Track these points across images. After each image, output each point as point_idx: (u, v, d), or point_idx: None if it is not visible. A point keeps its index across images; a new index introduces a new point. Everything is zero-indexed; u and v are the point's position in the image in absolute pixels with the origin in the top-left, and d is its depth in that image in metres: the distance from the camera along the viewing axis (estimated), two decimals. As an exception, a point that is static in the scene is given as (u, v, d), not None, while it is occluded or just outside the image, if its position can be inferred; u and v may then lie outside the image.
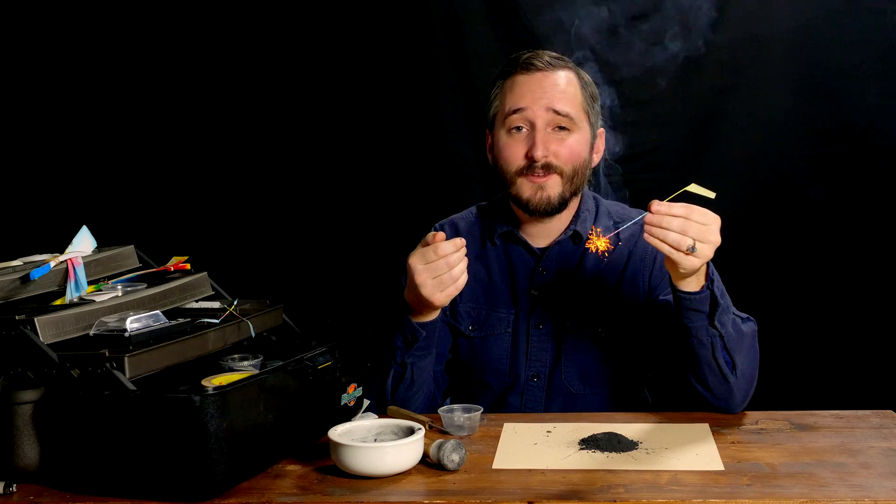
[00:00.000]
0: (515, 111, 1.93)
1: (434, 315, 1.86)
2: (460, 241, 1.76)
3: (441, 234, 1.76)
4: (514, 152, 1.93)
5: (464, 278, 1.77)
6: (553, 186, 1.92)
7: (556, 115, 1.91)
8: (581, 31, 2.42)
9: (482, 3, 2.88)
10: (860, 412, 1.76)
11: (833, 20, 2.73)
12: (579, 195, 2.00)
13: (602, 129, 2.04)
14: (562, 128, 1.92)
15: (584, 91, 1.97)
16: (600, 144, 2.03)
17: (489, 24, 2.88)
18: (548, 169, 1.91)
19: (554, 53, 1.98)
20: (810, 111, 2.77)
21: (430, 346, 1.90)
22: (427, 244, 1.77)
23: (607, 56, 2.22)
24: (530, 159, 1.91)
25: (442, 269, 1.74)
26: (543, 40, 2.77)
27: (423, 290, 1.75)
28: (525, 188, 1.93)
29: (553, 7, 2.80)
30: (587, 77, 2.00)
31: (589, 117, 1.97)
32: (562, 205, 1.95)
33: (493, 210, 2.07)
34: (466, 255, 1.78)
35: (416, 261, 1.76)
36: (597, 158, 2.03)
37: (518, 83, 1.95)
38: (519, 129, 1.93)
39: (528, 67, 1.94)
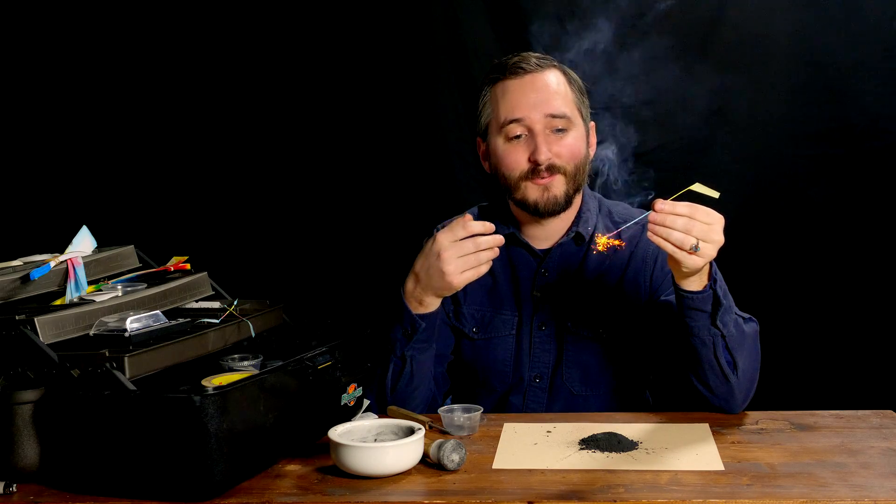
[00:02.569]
0: (513, 121, 1.92)
1: (434, 306, 1.85)
2: (490, 225, 1.76)
3: (470, 216, 1.76)
4: (515, 158, 1.93)
5: (486, 266, 1.76)
6: (558, 186, 1.92)
7: (553, 119, 1.91)
8: (580, 31, 2.42)
9: (482, 3, 2.88)
10: (860, 412, 1.76)
11: (833, 20, 2.72)
12: (581, 192, 2.01)
13: (593, 123, 2.03)
14: (559, 129, 1.92)
15: (574, 87, 1.97)
16: (593, 137, 2.03)
17: (489, 24, 2.88)
18: (552, 170, 1.91)
19: (538, 54, 1.97)
20: (810, 111, 2.76)
21: (430, 340, 1.90)
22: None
23: (608, 55, 2.21)
24: (534, 163, 1.91)
25: (468, 248, 1.74)
26: (544, 40, 2.76)
27: (446, 267, 1.74)
28: (531, 191, 1.93)
29: (553, 6, 2.80)
30: (573, 74, 1.99)
31: (581, 113, 1.97)
32: (567, 203, 1.95)
33: (494, 212, 2.07)
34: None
35: (445, 236, 1.75)
36: (591, 152, 2.03)
37: (509, 90, 1.94)
38: (518, 136, 1.93)
39: (517, 71, 1.93)
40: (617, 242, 1.76)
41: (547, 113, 1.91)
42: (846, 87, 2.74)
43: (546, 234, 2.01)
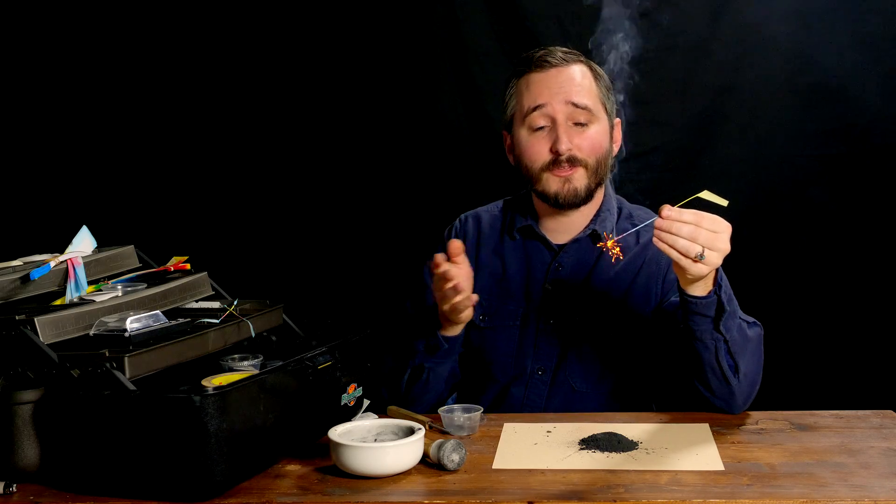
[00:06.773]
0: (535, 108, 1.95)
1: (457, 330, 1.91)
2: (446, 260, 1.80)
3: (444, 254, 1.81)
4: (538, 149, 1.96)
5: (466, 293, 1.80)
6: (579, 179, 1.95)
7: (575, 109, 1.94)
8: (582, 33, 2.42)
9: (482, 3, 2.88)
10: (860, 412, 1.76)
11: (832, 20, 2.72)
12: (602, 187, 2.02)
13: (619, 120, 2.06)
14: (580, 123, 1.95)
15: (599, 82, 2.00)
16: (618, 133, 2.06)
17: (489, 23, 2.88)
18: (573, 162, 1.94)
19: (565, 49, 2.01)
20: (810, 111, 2.76)
21: (451, 355, 1.95)
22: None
23: (608, 54, 2.22)
24: (556, 154, 1.93)
25: (449, 294, 1.80)
26: (543, 40, 2.76)
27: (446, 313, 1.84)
28: (552, 183, 1.95)
29: (553, 6, 2.80)
30: (600, 69, 2.03)
31: (606, 108, 2.00)
32: (588, 196, 1.97)
33: (517, 205, 2.09)
34: (480, 254, 1.83)
35: (434, 288, 1.83)
36: (615, 148, 2.05)
37: (534, 81, 1.97)
38: (541, 127, 1.95)
39: (542, 65, 1.97)
40: (610, 243, 1.75)
41: (569, 101, 1.93)
42: (846, 87, 2.74)
43: (564, 229, 2.03)
